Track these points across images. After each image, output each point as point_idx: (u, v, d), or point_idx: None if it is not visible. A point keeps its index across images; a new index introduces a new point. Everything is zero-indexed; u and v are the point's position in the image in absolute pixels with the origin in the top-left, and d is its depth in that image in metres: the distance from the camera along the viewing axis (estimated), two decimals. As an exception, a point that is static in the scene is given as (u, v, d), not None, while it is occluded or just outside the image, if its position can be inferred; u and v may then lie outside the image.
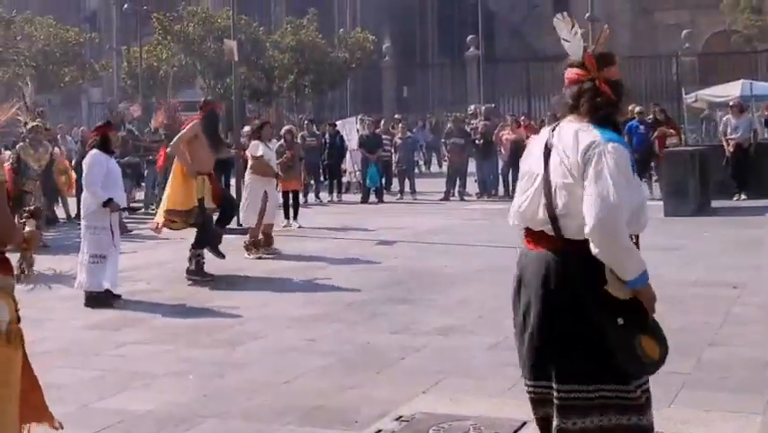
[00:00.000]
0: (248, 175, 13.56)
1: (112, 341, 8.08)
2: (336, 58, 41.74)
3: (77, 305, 9.62)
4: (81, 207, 10.08)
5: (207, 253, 11.14)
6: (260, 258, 12.68)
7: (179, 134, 11.41)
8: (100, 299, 9.61)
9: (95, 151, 10.02)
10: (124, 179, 12.24)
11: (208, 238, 11.12)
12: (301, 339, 7.96)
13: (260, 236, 13.13)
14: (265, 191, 13.23)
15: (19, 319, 3.90)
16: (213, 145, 11.29)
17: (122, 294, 9.88)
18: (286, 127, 18.98)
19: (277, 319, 8.75)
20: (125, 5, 47.37)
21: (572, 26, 3.92)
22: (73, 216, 17.18)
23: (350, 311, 9.08)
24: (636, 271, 3.69)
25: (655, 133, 19.72)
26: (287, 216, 16.36)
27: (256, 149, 13.42)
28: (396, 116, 30.28)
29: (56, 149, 16.69)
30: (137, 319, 8.98)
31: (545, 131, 3.99)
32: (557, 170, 3.77)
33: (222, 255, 11.29)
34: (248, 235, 13.12)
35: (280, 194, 15.79)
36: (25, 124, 14.43)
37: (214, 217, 11.30)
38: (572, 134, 3.77)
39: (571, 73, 3.92)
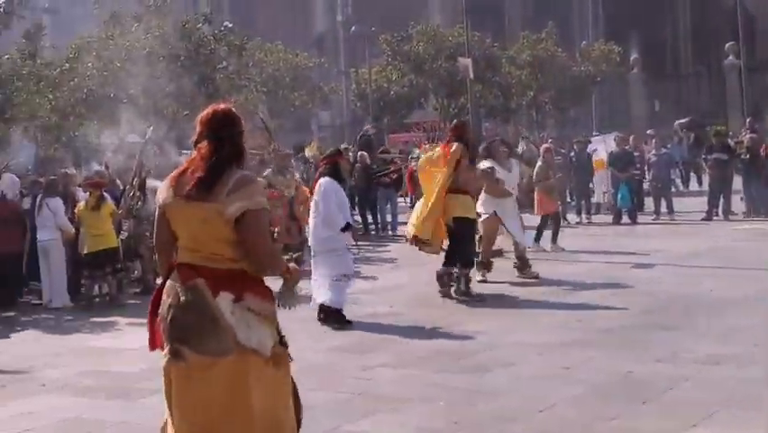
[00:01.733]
0: (482, 194, 13.62)
1: (357, 364, 8.37)
2: (579, 72, 41.45)
3: (318, 327, 10.07)
4: (312, 231, 10.55)
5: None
6: (483, 281, 12.68)
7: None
8: (339, 318, 10.16)
9: (327, 179, 10.42)
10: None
11: (471, 255, 11.89)
12: (554, 366, 7.94)
13: (491, 259, 13.15)
14: (495, 211, 13.13)
15: (284, 343, 4.25)
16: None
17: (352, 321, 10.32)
18: (545, 145, 18.81)
19: (527, 346, 8.78)
20: (353, 28, 49.20)
21: None
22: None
23: (607, 337, 8.97)
24: None
25: None
26: (536, 239, 16.16)
27: (486, 166, 13.42)
28: (648, 132, 29.71)
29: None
30: (381, 342, 9.27)
31: None
32: None
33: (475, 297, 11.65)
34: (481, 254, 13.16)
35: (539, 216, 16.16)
36: (274, 149, 14.85)
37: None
38: None
39: None
